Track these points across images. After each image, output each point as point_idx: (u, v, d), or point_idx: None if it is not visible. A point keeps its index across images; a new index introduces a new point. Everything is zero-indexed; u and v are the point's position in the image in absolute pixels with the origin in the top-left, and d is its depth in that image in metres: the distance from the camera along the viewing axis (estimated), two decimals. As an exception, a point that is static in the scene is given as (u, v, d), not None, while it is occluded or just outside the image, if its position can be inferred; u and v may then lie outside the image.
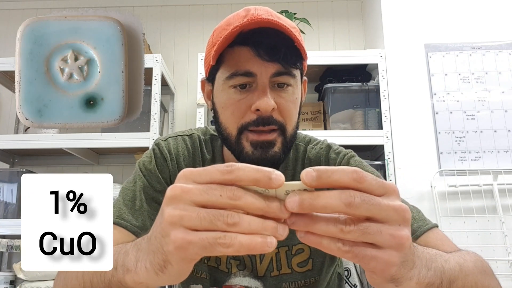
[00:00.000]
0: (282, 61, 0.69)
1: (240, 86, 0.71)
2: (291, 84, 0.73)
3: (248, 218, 0.35)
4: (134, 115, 0.59)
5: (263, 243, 0.35)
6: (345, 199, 0.35)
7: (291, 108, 0.73)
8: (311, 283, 0.82)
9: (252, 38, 0.69)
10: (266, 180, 0.35)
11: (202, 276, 0.82)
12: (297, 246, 0.81)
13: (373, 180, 0.37)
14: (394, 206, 0.37)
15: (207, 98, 0.82)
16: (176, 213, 0.37)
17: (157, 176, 0.79)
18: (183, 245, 0.36)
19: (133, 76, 0.59)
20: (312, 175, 0.35)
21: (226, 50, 0.71)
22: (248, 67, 0.70)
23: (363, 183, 0.36)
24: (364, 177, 0.36)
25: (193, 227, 0.36)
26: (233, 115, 0.72)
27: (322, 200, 0.35)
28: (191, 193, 0.36)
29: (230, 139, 0.74)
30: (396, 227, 0.37)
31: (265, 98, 0.69)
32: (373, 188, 0.37)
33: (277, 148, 0.72)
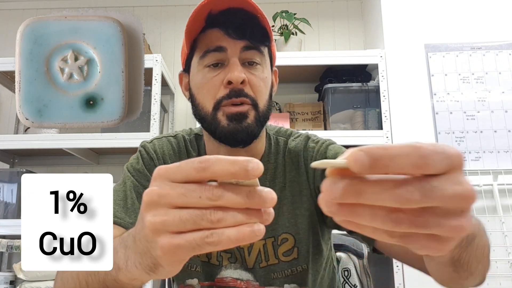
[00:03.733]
0: (250, 38, 0.75)
1: (213, 65, 0.76)
2: (259, 62, 0.78)
3: (232, 212, 0.34)
4: (134, 115, 0.59)
5: (251, 232, 0.34)
6: (401, 195, 0.29)
7: (261, 85, 0.78)
8: (299, 272, 0.82)
9: (220, 20, 0.75)
10: (243, 173, 0.33)
11: (197, 270, 0.83)
12: (282, 236, 0.82)
13: (437, 155, 0.29)
14: (460, 193, 0.29)
15: (185, 89, 0.86)
16: (157, 220, 0.35)
17: (145, 174, 0.82)
18: (171, 250, 0.35)
19: (133, 76, 0.59)
20: (363, 161, 0.29)
21: (198, 37, 0.77)
22: (218, 43, 0.75)
23: (426, 167, 0.29)
24: (428, 159, 0.29)
25: (178, 230, 0.35)
26: (208, 92, 0.77)
27: (373, 193, 0.29)
28: (168, 197, 0.35)
29: (207, 116, 0.77)
30: (458, 217, 0.30)
31: (235, 71, 0.74)
32: (436, 167, 0.29)
33: (250, 120, 0.75)
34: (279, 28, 2.03)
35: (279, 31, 2.02)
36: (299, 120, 2.05)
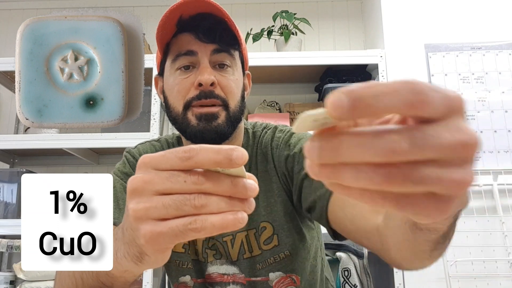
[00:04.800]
0: (219, 42, 0.78)
1: (184, 68, 0.79)
2: (230, 64, 0.81)
3: (216, 198, 0.34)
4: (134, 115, 0.59)
5: (235, 219, 0.34)
6: (383, 148, 0.23)
7: (232, 85, 0.80)
8: (282, 259, 0.83)
9: (191, 24, 0.77)
10: (227, 162, 0.33)
11: (188, 267, 0.85)
12: (261, 225, 0.83)
13: (434, 93, 0.23)
14: (462, 141, 0.24)
15: (160, 92, 0.88)
16: (140, 207, 0.35)
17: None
18: (153, 238, 0.35)
19: (133, 76, 0.59)
20: (342, 102, 0.23)
21: (170, 42, 0.80)
22: (189, 47, 0.78)
23: (421, 105, 0.23)
24: (423, 94, 0.23)
25: (160, 217, 0.35)
26: (179, 93, 0.79)
27: (349, 148, 0.24)
28: (153, 182, 0.35)
29: (178, 117, 0.80)
30: (461, 169, 0.25)
31: (205, 73, 0.76)
32: (434, 107, 0.23)
33: (220, 121, 0.78)
34: (279, 28, 2.03)
35: (279, 31, 2.02)
36: (299, 120, 2.05)
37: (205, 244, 0.84)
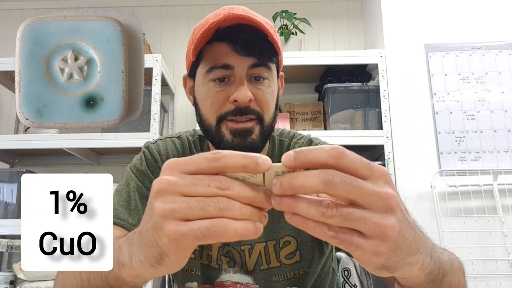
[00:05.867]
0: (258, 55, 0.74)
1: (219, 80, 0.75)
2: (267, 77, 0.77)
3: (238, 204, 0.35)
4: (134, 115, 0.59)
5: (255, 229, 0.35)
6: (324, 178, 0.33)
7: (268, 99, 0.78)
8: (300, 275, 0.82)
9: (229, 35, 0.73)
10: (253, 165, 0.35)
11: (197, 273, 0.83)
12: (284, 239, 0.81)
13: (356, 158, 0.35)
14: (379, 192, 0.34)
15: (189, 93, 0.86)
16: (166, 206, 0.36)
17: (149, 176, 0.82)
18: (177, 238, 0.36)
19: (133, 76, 0.59)
20: (290, 156, 0.35)
21: (205, 47, 0.75)
22: (225, 61, 0.74)
23: (343, 159, 0.34)
24: (345, 154, 0.34)
25: (185, 217, 0.35)
26: (212, 106, 0.76)
27: (300, 179, 0.34)
28: (178, 185, 0.36)
29: (211, 129, 0.78)
30: (381, 215, 0.35)
31: (242, 90, 0.73)
32: (356, 167, 0.35)
33: (255, 136, 0.76)
34: (279, 28, 2.03)
35: (279, 31, 2.02)
36: (299, 120, 2.05)
37: (221, 250, 0.83)
